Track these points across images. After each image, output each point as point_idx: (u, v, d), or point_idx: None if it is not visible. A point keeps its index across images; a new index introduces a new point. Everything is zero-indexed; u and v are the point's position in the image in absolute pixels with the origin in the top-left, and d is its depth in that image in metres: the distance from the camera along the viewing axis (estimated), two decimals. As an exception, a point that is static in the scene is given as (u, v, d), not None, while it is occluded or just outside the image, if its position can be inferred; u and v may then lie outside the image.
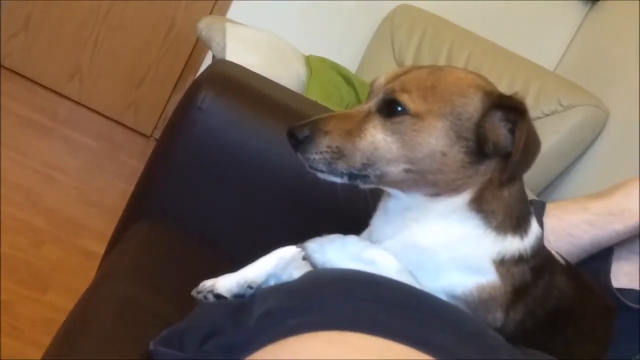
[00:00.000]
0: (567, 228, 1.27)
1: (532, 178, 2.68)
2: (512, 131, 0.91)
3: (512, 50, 3.13)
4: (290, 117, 1.40)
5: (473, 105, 0.91)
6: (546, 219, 1.28)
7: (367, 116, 0.93)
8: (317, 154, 0.91)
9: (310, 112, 0.97)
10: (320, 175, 0.94)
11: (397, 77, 0.94)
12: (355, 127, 0.92)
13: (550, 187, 2.89)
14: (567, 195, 2.76)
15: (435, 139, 0.89)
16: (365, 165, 0.91)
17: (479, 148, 0.90)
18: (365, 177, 0.92)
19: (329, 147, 0.91)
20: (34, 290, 2.08)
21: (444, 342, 0.74)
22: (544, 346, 0.94)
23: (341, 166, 0.91)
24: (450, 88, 0.91)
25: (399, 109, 0.90)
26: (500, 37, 3.19)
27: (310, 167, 0.93)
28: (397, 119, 0.90)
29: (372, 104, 0.94)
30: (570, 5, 3.40)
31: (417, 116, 0.90)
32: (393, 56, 3.14)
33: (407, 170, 0.90)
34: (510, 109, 0.91)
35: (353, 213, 1.00)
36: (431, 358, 0.71)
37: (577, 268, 1.12)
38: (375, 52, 3.25)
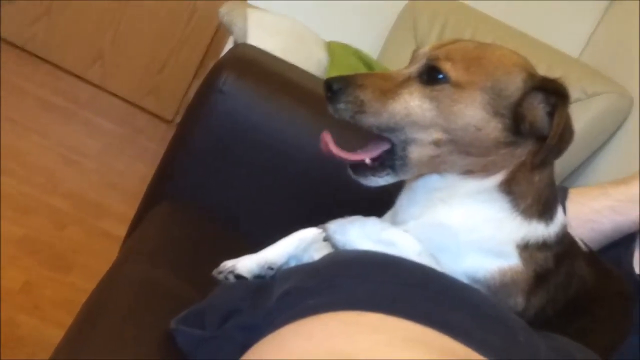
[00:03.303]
0: (589, 214, 1.27)
1: (556, 166, 2.64)
2: (549, 115, 0.90)
3: (536, 37, 3.10)
4: (310, 100, 1.39)
5: (515, 84, 0.90)
6: (569, 204, 1.27)
7: (406, 81, 0.92)
8: (344, 103, 0.91)
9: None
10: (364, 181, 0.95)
11: (442, 46, 0.94)
12: (390, 88, 0.91)
13: (574, 175, 2.87)
14: (590, 183, 2.74)
15: (472, 111, 0.88)
16: (391, 129, 0.91)
17: (515, 127, 0.90)
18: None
19: (356, 97, 0.90)
20: (56, 272, 2.10)
21: (462, 323, 0.74)
22: (563, 332, 0.94)
23: (365, 121, 0.91)
24: (495, 63, 0.91)
25: (440, 76, 0.90)
26: (523, 23, 3.16)
27: (338, 116, 0.92)
28: (437, 87, 0.90)
29: (414, 69, 0.93)
30: (595, -8, 3.37)
31: (457, 86, 0.89)
32: (415, 42, 3.12)
33: (436, 142, 0.90)
34: (552, 92, 0.90)
35: (373, 195, 0.99)
36: (449, 338, 0.71)
37: (598, 255, 1.11)
38: (397, 39, 3.23)
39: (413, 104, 0.90)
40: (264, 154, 1.39)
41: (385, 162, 0.93)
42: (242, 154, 1.40)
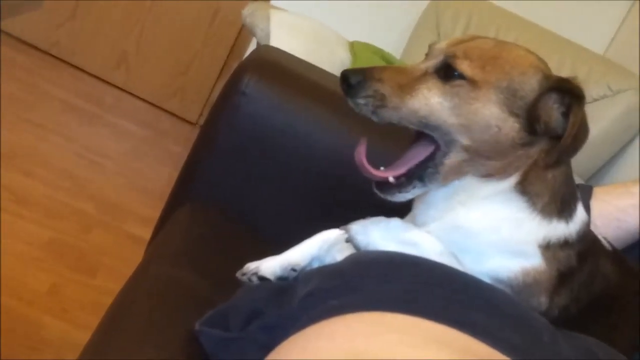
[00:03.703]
0: (614, 212, 1.25)
1: (581, 164, 2.65)
2: (564, 115, 0.89)
3: (560, 33, 3.08)
4: (333, 101, 1.39)
5: (530, 84, 0.89)
6: (593, 203, 1.26)
7: (423, 76, 0.91)
8: (364, 98, 0.90)
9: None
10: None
11: (460, 42, 0.93)
12: (408, 83, 0.90)
13: (600, 172, 2.85)
14: (617, 180, 2.71)
15: (489, 110, 0.88)
16: (424, 125, 0.90)
17: (530, 128, 0.89)
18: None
19: (376, 91, 0.90)
20: (83, 274, 2.12)
21: (484, 323, 0.74)
22: (587, 331, 0.93)
23: (387, 115, 0.90)
24: (511, 63, 0.90)
25: (456, 73, 0.89)
26: (548, 20, 3.14)
27: (359, 111, 0.92)
28: (456, 83, 0.89)
29: (430, 64, 0.92)
30: (620, -12, 3.34)
31: (474, 84, 0.88)
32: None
33: (466, 147, 0.89)
34: (567, 92, 0.90)
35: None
36: (471, 338, 0.70)
37: (622, 254, 1.10)
38: (420, 37, 3.22)
39: (433, 100, 0.89)
40: (287, 155, 1.39)
41: (413, 175, 0.93)
42: (265, 155, 1.40)
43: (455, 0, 3.16)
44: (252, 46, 3.48)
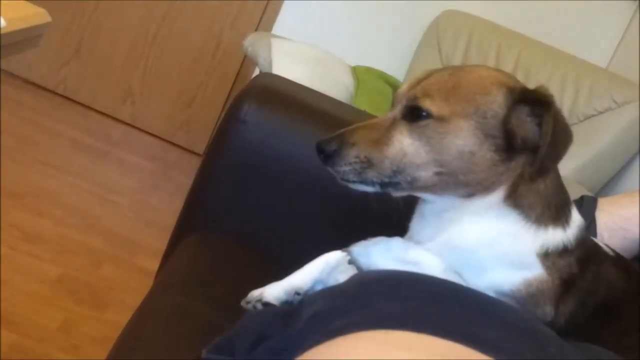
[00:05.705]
0: (619, 222, 1.25)
1: (588, 177, 2.64)
2: (540, 125, 0.90)
3: (563, 48, 3.09)
4: (334, 125, 1.39)
5: (497, 102, 0.90)
6: (598, 214, 1.26)
7: (393, 124, 0.93)
8: (346, 166, 0.92)
9: (356, 120, 0.97)
10: (352, 186, 0.94)
11: (419, 82, 0.94)
12: (381, 135, 0.92)
13: (608, 186, 2.83)
14: (627, 191, 2.69)
15: (462, 140, 0.89)
16: (395, 173, 0.91)
17: (508, 144, 0.90)
18: (396, 184, 0.92)
19: (357, 157, 0.91)
20: (94, 310, 2.12)
21: (491, 337, 0.73)
22: (596, 338, 0.93)
23: (371, 175, 0.92)
24: (472, 87, 0.91)
25: (423, 114, 0.90)
26: (549, 35, 3.15)
27: (342, 179, 0.94)
28: (423, 123, 0.90)
29: (397, 111, 0.94)
30: (621, 1, 3.34)
31: (441, 119, 0.90)
32: (440, 62, 3.12)
33: (438, 174, 0.90)
34: (536, 102, 0.90)
35: (396, 215, 0.99)
36: (478, 353, 0.70)
37: (626, 259, 1.10)
38: (422, 59, 3.24)
39: (406, 142, 0.91)
40: (289, 180, 1.40)
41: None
42: (267, 182, 1.41)
43: (455, 21, 3.18)
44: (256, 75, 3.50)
